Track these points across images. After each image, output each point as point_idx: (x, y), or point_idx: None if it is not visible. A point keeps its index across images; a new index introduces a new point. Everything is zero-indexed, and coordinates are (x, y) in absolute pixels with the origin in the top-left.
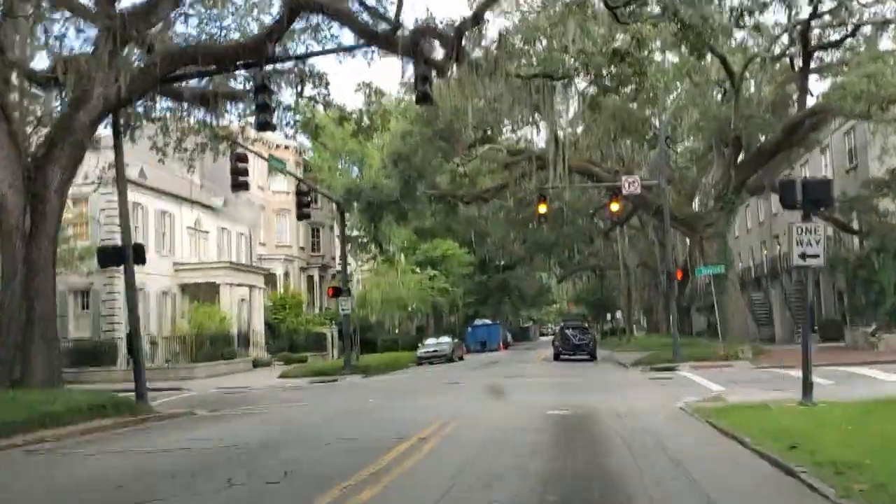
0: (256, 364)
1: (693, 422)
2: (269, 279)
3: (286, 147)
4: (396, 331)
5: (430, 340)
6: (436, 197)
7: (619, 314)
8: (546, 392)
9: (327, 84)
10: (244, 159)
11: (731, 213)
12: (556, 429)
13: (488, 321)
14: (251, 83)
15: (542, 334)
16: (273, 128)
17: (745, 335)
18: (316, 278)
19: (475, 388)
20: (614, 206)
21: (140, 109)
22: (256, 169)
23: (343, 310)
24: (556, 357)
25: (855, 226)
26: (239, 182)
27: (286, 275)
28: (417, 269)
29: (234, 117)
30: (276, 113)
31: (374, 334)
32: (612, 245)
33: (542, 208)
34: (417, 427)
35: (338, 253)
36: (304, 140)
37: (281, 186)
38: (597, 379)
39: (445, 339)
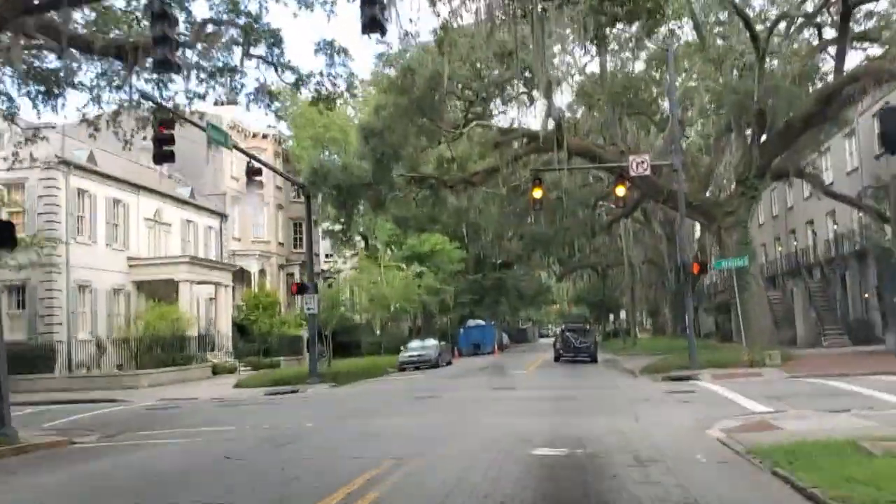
0: (218, 370)
1: (755, 474)
2: (243, 277)
3: (264, 136)
4: (378, 332)
5: (414, 343)
6: (416, 181)
7: (623, 314)
8: (537, 412)
9: (280, 42)
10: (169, 125)
11: (754, 200)
12: (540, 494)
13: (482, 322)
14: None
15: (542, 336)
16: (176, 68)
17: (771, 338)
18: (297, 277)
19: (450, 404)
20: (620, 191)
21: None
22: (232, 160)
23: (308, 308)
24: (557, 359)
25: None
26: (163, 152)
27: (262, 272)
28: (403, 266)
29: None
30: (225, 79)
31: (358, 337)
32: (616, 240)
33: (538, 193)
34: (331, 485)
35: (322, 250)
36: (284, 129)
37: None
38: (601, 392)
39: (431, 342)
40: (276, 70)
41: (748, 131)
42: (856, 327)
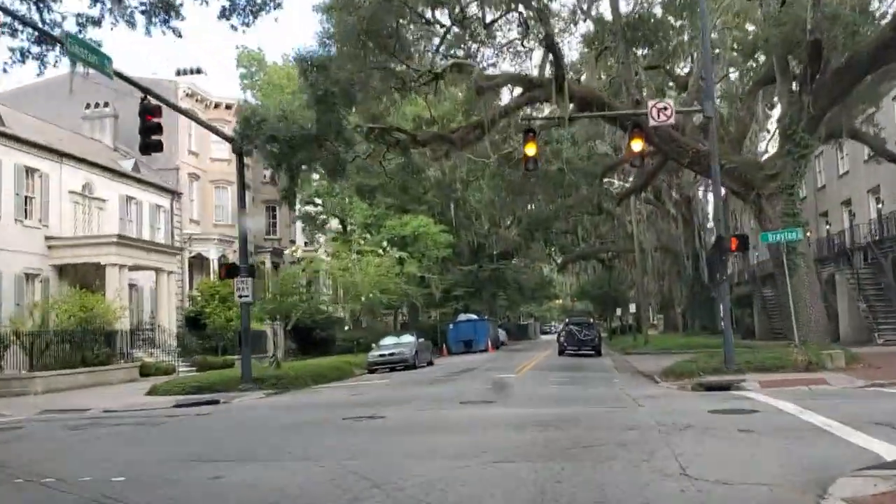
0: (148, 371)
1: None
2: (202, 265)
3: (227, 106)
4: (348, 328)
5: (388, 341)
6: (378, 135)
7: (632, 308)
8: (511, 454)
9: None
10: (156, 112)
11: (803, 160)
12: None
13: (474, 316)
14: None
15: (544, 332)
16: None
17: (824, 333)
18: (268, 266)
19: (381, 435)
20: (636, 145)
21: None
22: (191, 132)
23: (241, 296)
24: (561, 353)
25: None
26: (150, 142)
27: (223, 260)
28: (380, 251)
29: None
30: None
31: (333, 332)
32: (624, 225)
33: (531, 149)
34: None
35: (299, 235)
36: (250, 98)
37: (222, 153)
38: (616, 411)
39: (407, 338)
40: None
41: (798, 71)
42: None
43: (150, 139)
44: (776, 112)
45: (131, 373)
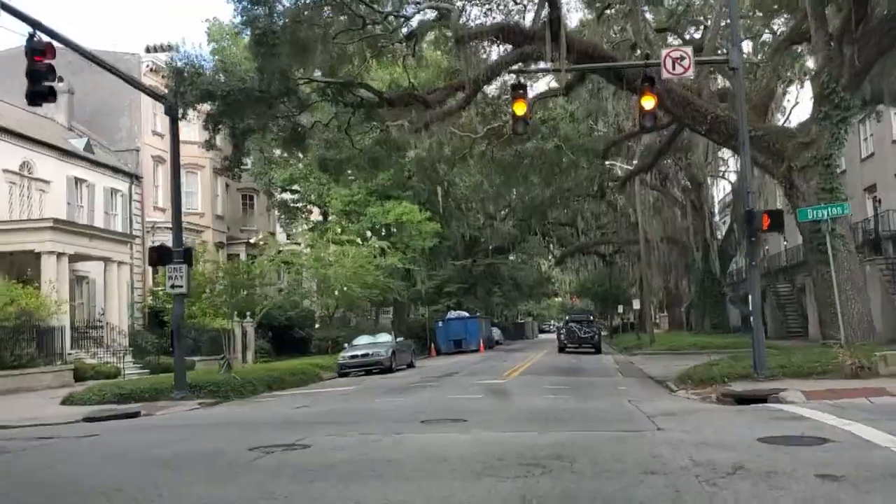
0: (86, 375)
1: None
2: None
3: None
4: (318, 325)
5: (362, 340)
6: (336, 92)
7: (636, 304)
8: None
9: None
10: (47, 52)
11: (844, 125)
12: None
13: (465, 313)
14: None
15: (542, 331)
16: None
17: (868, 331)
18: (243, 258)
19: (282, 485)
20: (647, 103)
21: None
22: (156, 111)
23: (174, 286)
24: (562, 349)
25: None
26: (39, 89)
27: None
28: (360, 241)
29: None
30: None
31: (313, 331)
32: (628, 214)
33: (520, 108)
34: None
35: (279, 226)
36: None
37: (191, 134)
38: (627, 441)
39: (384, 338)
40: None
41: (836, 19)
42: None
43: (39, 86)
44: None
45: (62, 377)
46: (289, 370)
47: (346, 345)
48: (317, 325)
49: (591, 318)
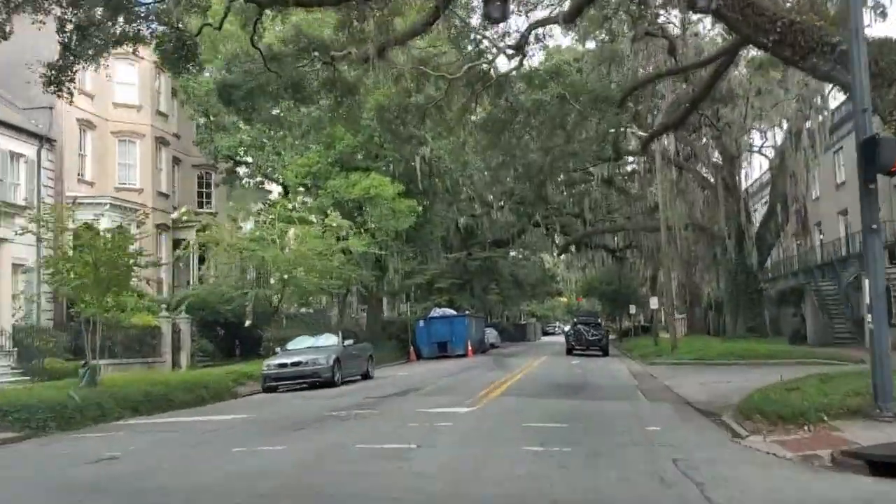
0: None
1: None
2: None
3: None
4: (247, 321)
5: (299, 343)
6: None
7: (653, 304)
8: None
9: None
10: None
11: None
12: None
13: (450, 311)
14: None
15: (546, 333)
16: None
17: None
18: (191, 245)
19: None
20: None
21: None
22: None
23: None
24: (569, 352)
25: None
26: None
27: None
28: (314, 219)
29: None
30: None
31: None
32: (645, 196)
33: None
34: None
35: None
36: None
37: (128, 96)
38: None
39: (328, 340)
40: None
41: None
42: None
43: None
44: None
45: None
46: (185, 383)
47: (277, 349)
48: (246, 320)
49: (600, 321)
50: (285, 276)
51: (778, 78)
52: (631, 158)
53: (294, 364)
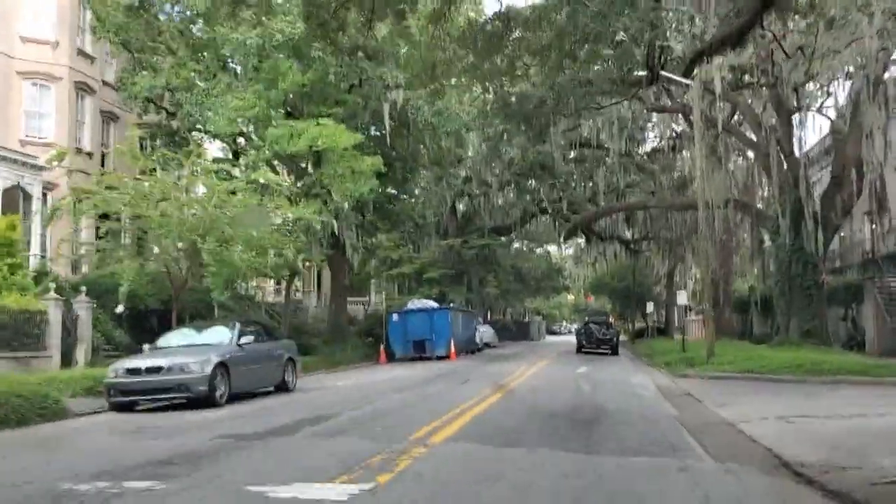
0: None
1: None
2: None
3: None
4: (119, 306)
5: (173, 339)
6: None
7: (680, 299)
8: None
9: None
10: None
11: None
12: None
13: (431, 303)
14: None
15: (552, 332)
16: None
17: None
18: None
19: None
20: None
21: None
22: None
23: None
24: (579, 349)
25: None
26: None
27: (24, 195)
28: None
29: None
30: None
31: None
32: (671, 167)
33: None
34: None
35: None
36: None
37: (42, 30)
38: None
39: (216, 335)
40: None
41: None
42: None
43: None
44: None
45: None
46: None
47: (145, 346)
48: (116, 309)
49: (610, 321)
50: (180, 246)
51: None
52: (652, 135)
53: (151, 370)
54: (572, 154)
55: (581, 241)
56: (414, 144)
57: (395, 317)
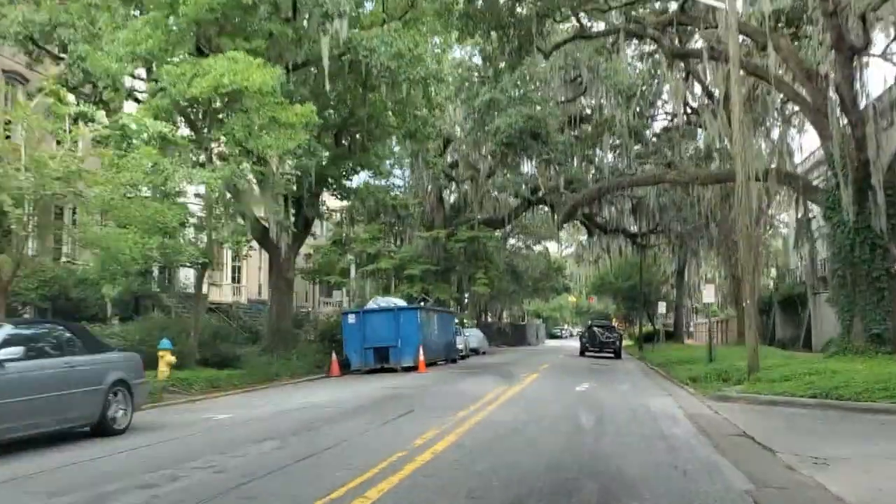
0: None
1: None
2: None
3: None
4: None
5: None
6: None
7: (706, 295)
8: None
9: None
10: None
11: None
12: None
13: (398, 301)
14: None
15: (553, 336)
16: None
17: None
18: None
19: None
20: None
21: None
22: None
23: None
24: (583, 353)
25: None
26: None
27: None
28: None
29: None
30: None
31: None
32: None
33: None
34: None
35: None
36: None
37: None
38: None
39: None
40: None
41: None
42: None
43: None
44: None
45: None
46: None
47: None
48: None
49: (613, 324)
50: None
51: None
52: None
53: None
54: (575, 132)
55: (583, 238)
56: (374, 107)
57: (350, 318)
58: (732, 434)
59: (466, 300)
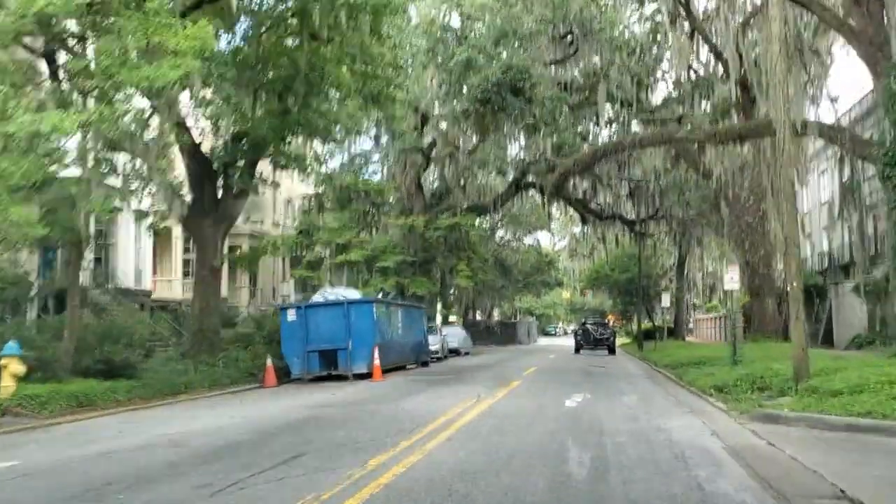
0: None
1: None
2: None
3: None
4: None
5: None
6: None
7: (730, 281)
8: None
9: None
10: None
11: None
12: None
13: (351, 293)
14: None
15: (546, 334)
16: None
17: None
18: None
19: None
20: None
21: None
22: None
23: None
24: (577, 350)
25: None
26: None
27: None
28: None
29: None
30: None
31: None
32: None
33: None
34: None
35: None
36: None
37: None
38: None
39: None
40: None
41: None
42: None
43: None
44: None
45: None
46: None
47: None
48: None
49: (607, 321)
50: None
51: None
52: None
53: None
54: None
55: (577, 229)
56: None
57: (289, 314)
58: (823, 496)
59: (452, 296)
